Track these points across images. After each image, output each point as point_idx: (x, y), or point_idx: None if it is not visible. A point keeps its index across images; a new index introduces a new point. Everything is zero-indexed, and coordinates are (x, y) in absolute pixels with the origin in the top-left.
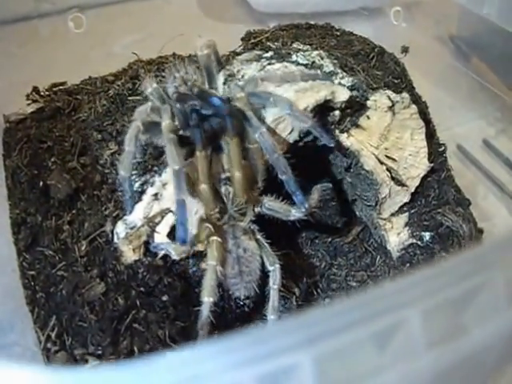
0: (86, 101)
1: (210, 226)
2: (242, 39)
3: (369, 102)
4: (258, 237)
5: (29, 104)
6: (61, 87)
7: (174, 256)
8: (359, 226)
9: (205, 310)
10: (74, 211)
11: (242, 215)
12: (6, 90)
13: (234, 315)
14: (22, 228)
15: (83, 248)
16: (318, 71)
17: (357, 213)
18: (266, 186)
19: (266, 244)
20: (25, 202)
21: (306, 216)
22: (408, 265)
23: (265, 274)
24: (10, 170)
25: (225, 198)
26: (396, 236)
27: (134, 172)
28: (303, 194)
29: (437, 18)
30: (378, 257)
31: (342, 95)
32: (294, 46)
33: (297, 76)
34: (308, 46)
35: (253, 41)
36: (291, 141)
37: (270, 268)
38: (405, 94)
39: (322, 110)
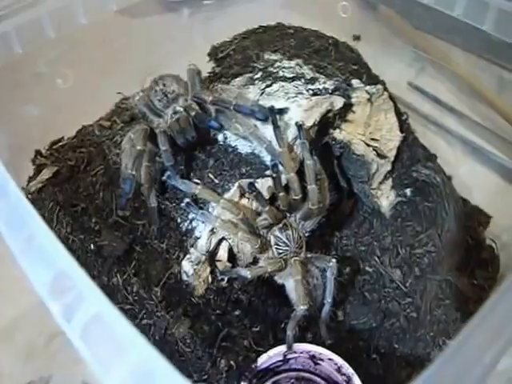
0: (95, 152)
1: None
2: (209, 55)
3: (352, 100)
4: (308, 255)
5: (36, 169)
6: (60, 144)
7: (249, 277)
8: (351, 198)
9: (299, 315)
10: (134, 263)
11: (300, 248)
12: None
13: None
14: None
15: (158, 294)
16: None
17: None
18: None
19: (316, 255)
20: (84, 268)
21: None
22: (399, 219)
23: None
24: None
25: (288, 242)
26: (386, 199)
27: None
28: None
29: None
30: (375, 220)
31: (339, 103)
32: (266, 56)
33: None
34: (279, 54)
35: (220, 55)
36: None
37: (330, 264)
38: (379, 86)
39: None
